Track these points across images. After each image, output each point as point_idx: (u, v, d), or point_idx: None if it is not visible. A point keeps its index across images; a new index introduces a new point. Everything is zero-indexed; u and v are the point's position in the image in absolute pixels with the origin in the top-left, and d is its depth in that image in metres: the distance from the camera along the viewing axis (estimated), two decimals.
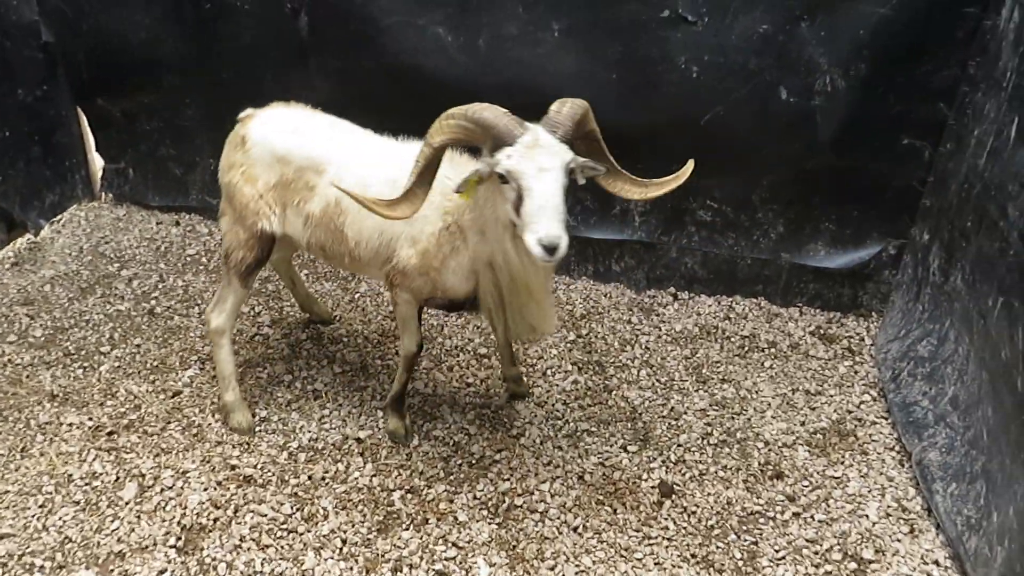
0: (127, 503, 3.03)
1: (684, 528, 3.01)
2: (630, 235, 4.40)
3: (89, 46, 4.67)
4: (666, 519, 3.04)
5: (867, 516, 3.08)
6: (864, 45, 3.64)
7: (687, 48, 3.82)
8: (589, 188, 4.30)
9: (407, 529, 2.96)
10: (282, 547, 2.87)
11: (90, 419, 3.43)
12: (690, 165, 2.85)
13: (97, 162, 5.25)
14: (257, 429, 3.40)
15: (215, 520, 2.97)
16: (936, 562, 2.88)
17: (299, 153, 3.09)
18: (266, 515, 2.99)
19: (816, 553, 2.92)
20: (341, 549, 2.87)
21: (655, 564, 2.86)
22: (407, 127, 4.25)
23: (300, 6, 4.20)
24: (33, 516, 2.98)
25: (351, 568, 2.80)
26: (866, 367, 3.91)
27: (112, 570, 2.78)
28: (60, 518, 2.97)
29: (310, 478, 3.16)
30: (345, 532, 2.93)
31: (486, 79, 4.08)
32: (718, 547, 2.94)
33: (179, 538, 2.89)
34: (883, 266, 4.15)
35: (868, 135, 3.86)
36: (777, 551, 2.93)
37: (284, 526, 2.96)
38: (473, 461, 3.27)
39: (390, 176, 2.86)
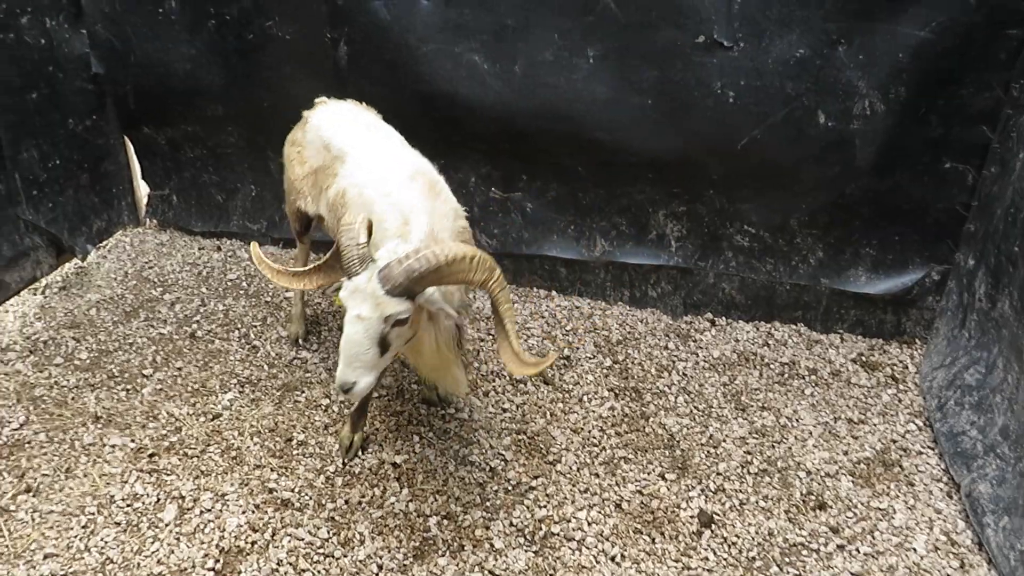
0: (167, 525, 3.07)
1: (724, 559, 2.95)
2: (666, 260, 4.38)
3: (136, 77, 4.81)
4: (706, 549, 2.99)
5: (915, 549, 2.99)
6: (904, 68, 3.60)
7: (723, 73, 3.82)
8: (624, 212, 4.35)
9: (443, 556, 2.94)
10: (319, 572, 2.87)
11: (132, 441, 3.48)
12: (554, 356, 2.85)
13: (142, 189, 5.38)
14: (294, 453, 3.42)
15: (253, 543, 2.99)
16: None
17: (336, 144, 3.36)
18: (303, 539, 3.00)
19: None
20: (377, 575, 2.86)
21: None
22: (442, 152, 4.32)
23: (340, 36, 4.29)
24: (76, 536, 3.02)
25: None
26: (910, 395, 3.82)
27: None
28: (102, 539, 3.01)
29: (347, 502, 3.17)
30: (381, 558, 2.93)
31: (521, 105, 4.13)
32: None
33: (217, 561, 2.91)
34: (926, 292, 4.07)
35: (909, 159, 3.81)
36: None
37: (321, 550, 2.96)
38: (509, 487, 3.25)
39: (386, 186, 2.99)
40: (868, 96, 3.71)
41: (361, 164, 3.20)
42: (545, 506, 3.16)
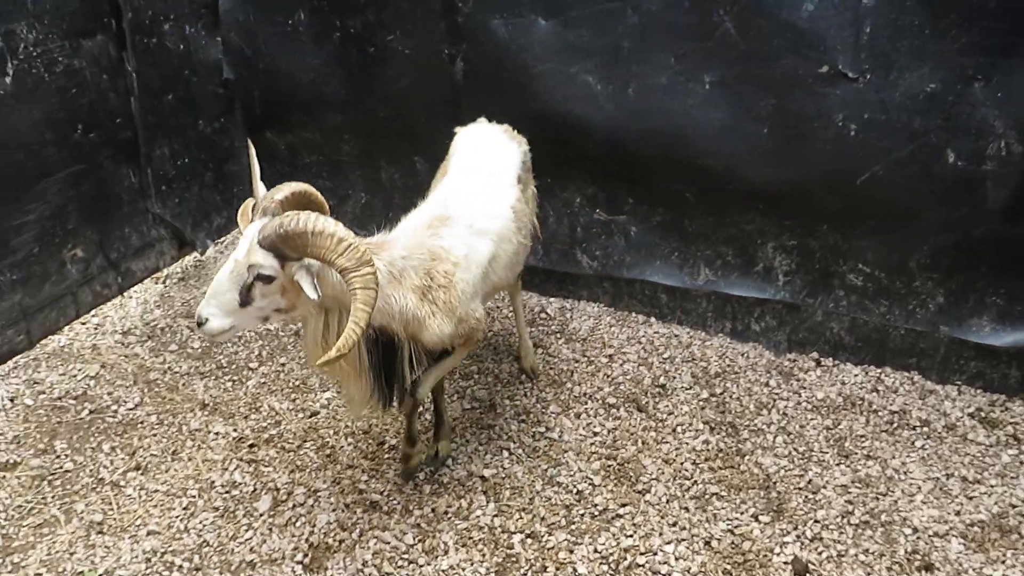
0: (261, 515, 3.17)
1: None
2: (772, 294, 4.24)
3: (263, 84, 5.05)
4: None
5: None
6: None
7: (845, 105, 3.68)
8: (731, 241, 4.24)
9: (525, 575, 2.92)
10: None
11: (235, 430, 3.63)
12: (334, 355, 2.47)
13: (260, 191, 5.62)
14: (385, 456, 3.48)
15: (340, 542, 3.05)
16: None
17: (450, 163, 3.43)
18: (389, 543, 3.04)
19: None
20: None
21: None
22: (550, 171, 4.32)
23: (457, 52, 4.38)
24: (177, 517, 3.17)
25: None
26: None
27: None
28: (200, 522, 3.14)
29: (433, 511, 3.19)
30: (464, 570, 2.93)
31: (632, 128, 4.10)
32: None
33: (306, 555, 2.99)
34: None
35: None
36: None
37: (405, 556, 2.99)
38: (596, 512, 3.20)
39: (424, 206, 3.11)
40: (1005, 136, 3.49)
41: (447, 182, 3.30)
42: (631, 535, 3.09)
